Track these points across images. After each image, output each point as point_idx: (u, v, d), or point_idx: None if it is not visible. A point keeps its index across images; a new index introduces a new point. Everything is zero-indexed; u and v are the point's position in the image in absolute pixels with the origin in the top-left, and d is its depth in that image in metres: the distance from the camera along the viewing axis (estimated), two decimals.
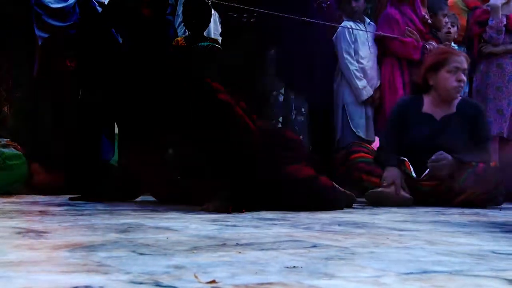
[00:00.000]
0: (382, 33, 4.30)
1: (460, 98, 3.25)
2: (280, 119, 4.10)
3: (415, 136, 3.17)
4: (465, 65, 3.18)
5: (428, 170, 3.03)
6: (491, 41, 4.34)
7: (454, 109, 3.21)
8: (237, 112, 2.24)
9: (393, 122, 3.31)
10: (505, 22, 4.32)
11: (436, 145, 3.08)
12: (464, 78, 3.17)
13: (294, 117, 4.16)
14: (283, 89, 4.16)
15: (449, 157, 2.99)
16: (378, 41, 4.41)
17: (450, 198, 3.01)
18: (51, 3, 3.84)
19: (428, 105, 3.25)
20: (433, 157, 3.00)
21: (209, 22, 4.52)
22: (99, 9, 3.99)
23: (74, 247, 1.03)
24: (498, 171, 3.03)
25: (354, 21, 4.38)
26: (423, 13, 4.53)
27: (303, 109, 4.20)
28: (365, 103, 4.32)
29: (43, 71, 3.55)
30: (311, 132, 4.24)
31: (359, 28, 4.39)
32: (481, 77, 4.40)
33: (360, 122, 4.30)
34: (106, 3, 4.03)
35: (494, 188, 2.96)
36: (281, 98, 4.15)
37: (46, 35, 3.81)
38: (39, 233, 1.24)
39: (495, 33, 4.30)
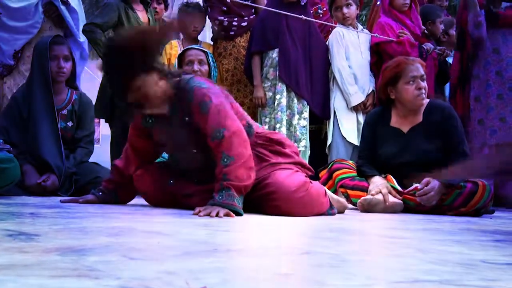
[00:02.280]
0: (377, 35, 4.31)
1: (426, 103, 3.21)
2: (284, 123, 4.12)
3: (385, 153, 3.18)
4: (422, 71, 3.15)
5: (413, 186, 3.01)
6: (474, 36, 4.26)
7: (421, 118, 3.19)
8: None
9: (365, 137, 3.32)
10: (483, 14, 4.23)
11: (407, 159, 3.08)
12: (424, 84, 3.14)
13: (296, 121, 4.17)
14: (285, 92, 4.18)
15: (436, 185, 2.94)
16: (375, 49, 4.42)
17: (439, 213, 3.01)
18: (12, 2, 3.83)
19: (395, 118, 3.25)
20: (419, 186, 2.96)
21: (204, 25, 4.54)
22: (62, 7, 3.96)
23: (64, 251, 1.02)
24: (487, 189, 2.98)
25: (346, 27, 4.40)
26: (418, 19, 4.56)
27: (304, 113, 4.22)
28: (356, 109, 4.33)
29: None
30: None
31: (361, 30, 4.41)
32: (479, 84, 4.30)
33: (350, 128, 4.31)
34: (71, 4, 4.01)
35: (483, 207, 2.96)
36: (284, 101, 4.17)
37: (6, 35, 3.81)
38: (29, 236, 1.23)
39: (474, 28, 4.24)
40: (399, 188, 3.05)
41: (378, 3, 4.69)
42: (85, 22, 4.15)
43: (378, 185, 3.00)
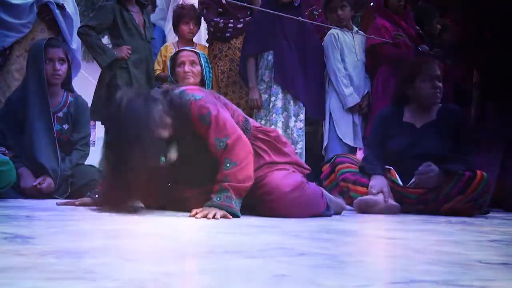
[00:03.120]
0: (374, 37, 4.32)
1: (440, 105, 3.30)
2: (280, 125, 4.12)
3: (397, 145, 3.22)
4: (438, 72, 3.26)
5: (414, 178, 3.04)
6: None
7: (434, 117, 3.27)
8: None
9: (376, 133, 3.36)
10: None
11: (418, 152, 3.13)
12: (439, 84, 3.23)
13: (293, 123, 4.18)
14: (281, 94, 4.18)
15: (436, 168, 2.99)
16: (370, 51, 4.43)
17: (437, 206, 3.04)
18: None
19: (408, 114, 3.32)
20: (420, 168, 3.01)
21: (199, 27, 4.54)
22: (57, 12, 3.93)
23: (61, 253, 1.02)
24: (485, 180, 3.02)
25: (341, 29, 4.40)
26: (412, 20, 4.57)
27: (301, 115, 4.22)
28: (352, 110, 4.33)
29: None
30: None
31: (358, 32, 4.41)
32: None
33: (346, 130, 4.31)
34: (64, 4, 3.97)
35: (480, 197, 2.98)
36: (280, 104, 4.17)
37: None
38: (25, 239, 1.23)
39: None
40: (400, 183, 3.07)
41: (372, 4, 4.70)
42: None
43: (381, 183, 3.02)
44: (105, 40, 4.87)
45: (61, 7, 3.96)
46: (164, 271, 0.87)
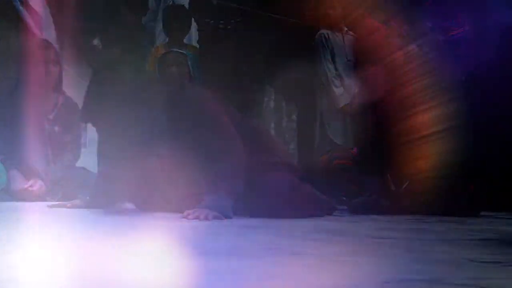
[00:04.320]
0: (364, 37, 4.33)
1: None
2: (273, 125, 4.13)
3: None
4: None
5: (407, 182, 3.02)
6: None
7: (455, 120, 3.22)
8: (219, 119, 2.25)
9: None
10: None
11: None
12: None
13: (285, 124, 4.19)
14: (273, 95, 4.19)
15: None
16: (360, 51, 4.43)
17: (430, 208, 3.03)
18: None
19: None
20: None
21: (189, 28, 4.53)
22: (21, 9, 3.81)
23: (52, 256, 1.02)
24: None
25: (331, 29, 4.40)
26: (402, 21, 4.59)
27: (293, 116, 4.23)
28: (343, 110, 4.34)
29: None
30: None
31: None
32: None
33: (337, 129, 4.32)
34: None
35: (474, 200, 2.98)
36: (272, 104, 4.18)
37: None
38: (16, 242, 1.22)
39: None
40: (393, 188, 3.06)
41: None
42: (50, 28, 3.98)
43: (373, 184, 3.02)
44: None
45: (23, 2, 3.81)
46: (156, 272, 0.87)
